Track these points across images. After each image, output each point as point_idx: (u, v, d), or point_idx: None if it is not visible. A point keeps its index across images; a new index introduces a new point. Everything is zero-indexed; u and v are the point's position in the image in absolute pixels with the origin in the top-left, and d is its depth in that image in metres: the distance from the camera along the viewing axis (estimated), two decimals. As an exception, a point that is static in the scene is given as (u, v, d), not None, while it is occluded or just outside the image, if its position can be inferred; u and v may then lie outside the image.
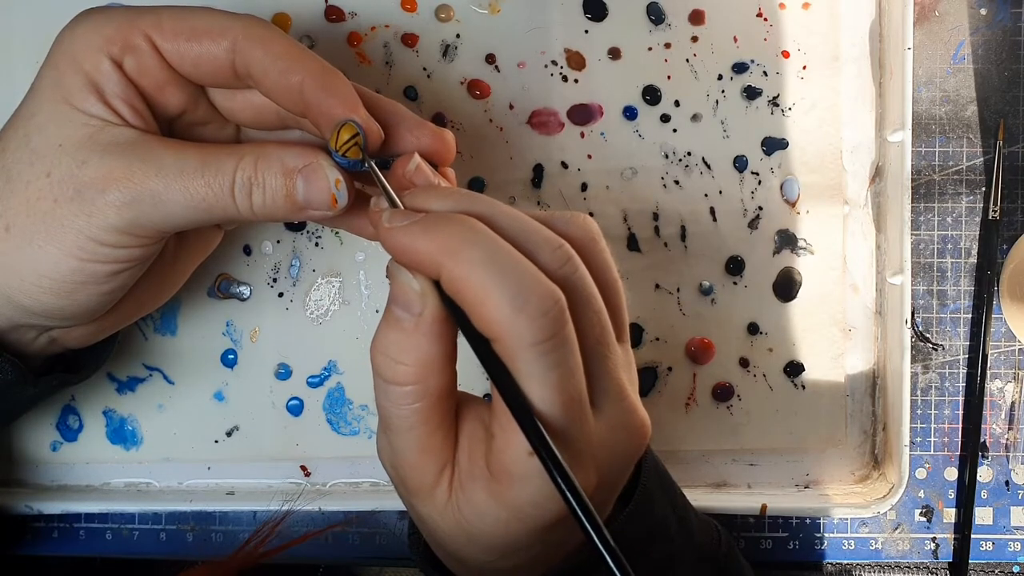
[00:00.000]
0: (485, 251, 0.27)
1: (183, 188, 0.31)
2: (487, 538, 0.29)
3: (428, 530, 0.31)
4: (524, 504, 0.28)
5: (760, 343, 0.44)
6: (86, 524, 0.45)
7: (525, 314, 0.26)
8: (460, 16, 0.43)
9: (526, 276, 0.27)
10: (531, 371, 0.27)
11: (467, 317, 0.27)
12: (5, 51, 0.43)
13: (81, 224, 0.31)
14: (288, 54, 0.31)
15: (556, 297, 0.27)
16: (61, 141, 0.31)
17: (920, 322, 0.44)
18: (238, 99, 0.34)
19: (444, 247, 0.27)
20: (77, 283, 0.32)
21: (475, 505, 0.28)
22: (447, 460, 0.29)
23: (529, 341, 0.26)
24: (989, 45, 0.44)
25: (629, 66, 0.43)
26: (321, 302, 0.44)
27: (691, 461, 0.44)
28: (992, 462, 0.44)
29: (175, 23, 0.32)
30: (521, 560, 0.30)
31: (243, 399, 0.44)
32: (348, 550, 0.45)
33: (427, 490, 0.29)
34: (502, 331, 0.27)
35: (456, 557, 0.31)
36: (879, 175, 0.43)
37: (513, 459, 0.27)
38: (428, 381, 0.28)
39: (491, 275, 0.27)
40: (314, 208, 0.32)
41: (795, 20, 0.43)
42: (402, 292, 0.28)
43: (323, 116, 0.31)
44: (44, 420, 0.44)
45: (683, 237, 0.43)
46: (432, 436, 0.29)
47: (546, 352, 0.27)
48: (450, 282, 0.27)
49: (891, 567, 0.44)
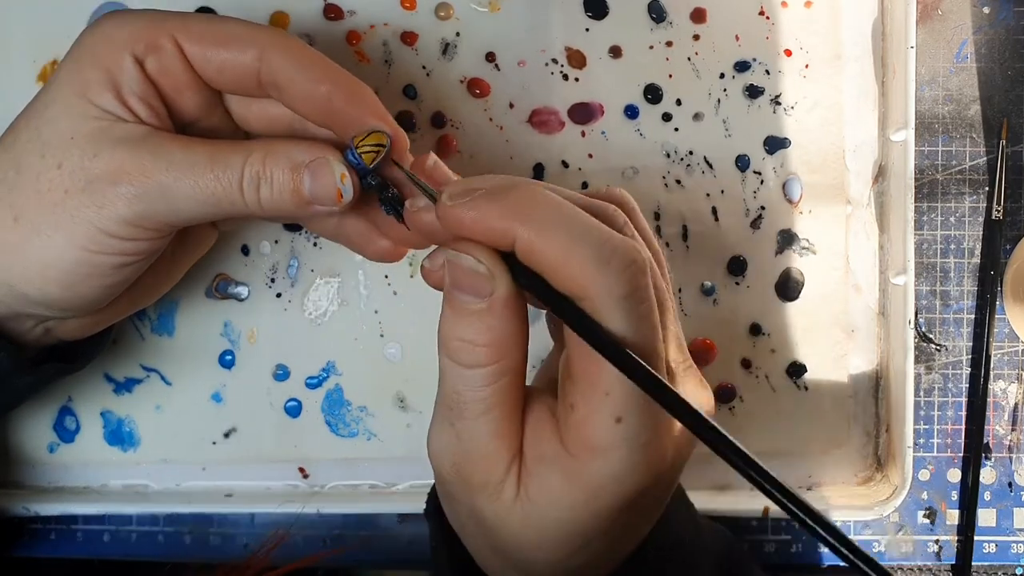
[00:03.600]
0: (560, 210, 0.27)
1: (193, 182, 0.31)
2: (559, 529, 0.28)
3: (490, 536, 0.30)
4: (605, 478, 0.27)
5: (762, 344, 0.43)
6: (84, 526, 0.45)
7: (612, 267, 0.26)
8: (460, 14, 0.42)
9: (603, 231, 0.27)
10: (621, 325, 0.26)
11: (546, 281, 0.27)
12: (5, 51, 0.43)
13: (91, 215, 0.31)
14: (315, 65, 0.33)
15: (637, 249, 0.27)
16: (73, 134, 0.32)
17: (923, 323, 0.44)
18: (254, 108, 0.35)
19: (517, 211, 0.27)
20: (83, 274, 0.32)
21: (549, 491, 0.28)
22: (517, 450, 0.28)
23: (619, 294, 0.26)
24: (992, 44, 0.44)
25: (630, 65, 0.43)
26: (319, 303, 0.43)
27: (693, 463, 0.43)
28: (995, 464, 0.44)
29: (203, 28, 0.32)
30: (586, 558, 0.29)
31: (241, 400, 0.44)
32: (348, 553, 0.45)
33: (495, 484, 0.28)
34: (589, 287, 0.26)
35: (521, 563, 0.30)
36: (882, 174, 0.43)
37: (598, 429, 0.27)
38: (506, 359, 0.28)
39: (572, 233, 0.26)
40: (320, 203, 0.32)
41: (797, 18, 0.42)
42: (467, 278, 0.28)
43: (351, 126, 0.32)
44: (41, 421, 0.44)
45: (684, 237, 0.43)
46: (506, 420, 0.28)
47: (635, 305, 0.26)
48: (528, 246, 0.27)
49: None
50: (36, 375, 0.36)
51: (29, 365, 0.35)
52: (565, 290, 0.27)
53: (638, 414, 0.27)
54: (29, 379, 0.36)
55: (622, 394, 0.26)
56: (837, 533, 0.25)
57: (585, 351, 0.27)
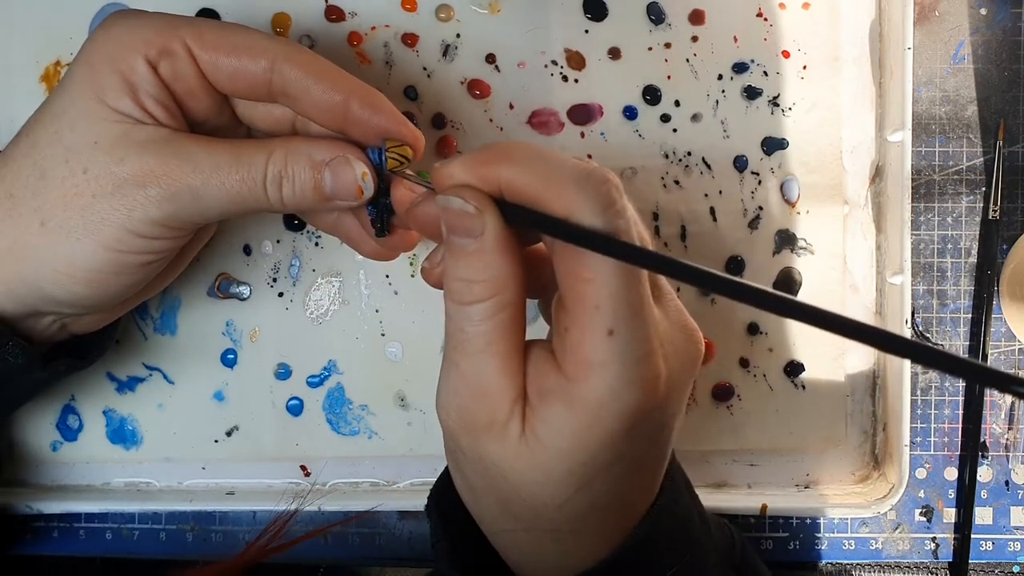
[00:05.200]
0: (536, 150, 0.30)
1: (219, 183, 0.33)
2: (565, 461, 0.29)
3: (497, 486, 0.30)
4: (604, 395, 0.28)
5: (760, 343, 0.44)
6: (86, 524, 0.45)
7: (590, 184, 0.28)
8: (460, 16, 0.43)
9: (577, 160, 0.29)
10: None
11: (533, 209, 0.29)
12: (7, 52, 0.43)
13: (121, 218, 0.32)
14: (328, 75, 0.34)
15: (610, 172, 0.29)
16: (96, 138, 0.32)
17: (920, 322, 0.44)
18: (259, 110, 0.36)
19: (498, 156, 0.29)
20: (111, 274, 0.33)
21: (551, 422, 0.29)
22: (520, 390, 0.29)
23: (599, 207, 0.28)
24: (989, 45, 0.44)
25: (629, 66, 0.43)
26: (321, 302, 0.44)
27: (691, 461, 0.44)
28: (992, 462, 0.44)
29: (216, 36, 0.33)
30: (590, 499, 0.30)
31: (243, 399, 0.44)
32: (349, 550, 0.45)
33: (501, 424, 0.29)
34: (572, 205, 0.28)
35: (527, 512, 0.30)
36: (879, 175, 0.43)
37: (592, 344, 0.28)
38: (504, 294, 0.29)
39: (549, 164, 0.29)
40: (341, 199, 0.34)
41: (795, 20, 0.43)
42: (460, 220, 0.29)
43: (370, 132, 0.34)
44: (44, 420, 0.44)
45: (683, 237, 0.43)
46: (508, 356, 0.29)
47: (614, 217, 0.28)
48: (511, 183, 0.29)
49: (891, 567, 0.44)
50: (48, 371, 0.37)
51: (40, 362, 0.36)
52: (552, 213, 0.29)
53: (629, 325, 0.28)
54: (41, 375, 0.36)
55: (611, 307, 0.28)
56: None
57: (573, 272, 0.28)
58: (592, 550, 0.31)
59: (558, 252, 0.29)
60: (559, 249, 0.29)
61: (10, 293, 0.33)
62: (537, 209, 0.29)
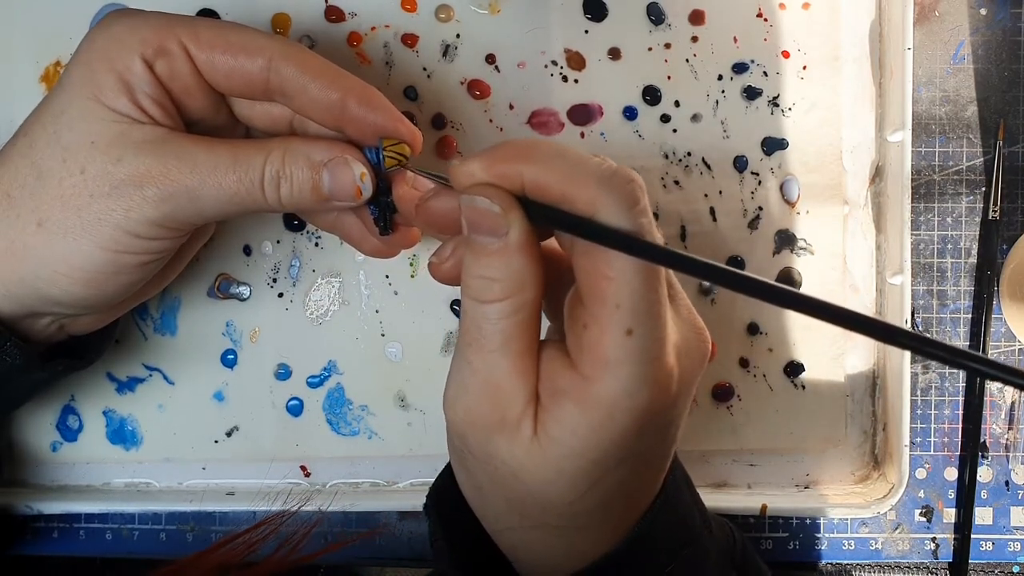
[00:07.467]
0: (558, 148, 0.29)
1: (217, 184, 0.33)
2: (577, 459, 0.29)
3: (506, 485, 0.30)
4: (619, 394, 0.28)
5: (760, 343, 0.44)
6: (86, 524, 0.45)
7: (615, 184, 0.28)
8: (460, 16, 0.43)
9: (600, 159, 0.29)
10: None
11: (558, 208, 0.28)
12: (7, 51, 0.43)
13: (118, 219, 0.32)
14: (325, 73, 0.33)
15: (632, 171, 0.29)
16: (93, 138, 0.32)
17: (920, 322, 0.44)
18: (257, 109, 0.36)
19: (520, 155, 0.29)
20: (108, 274, 0.33)
21: (564, 421, 0.28)
22: (533, 391, 0.29)
23: (624, 206, 0.28)
24: (989, 45, 0.44)
25: (629, 66, 0.43)
26: (321, 302, 0.44)
27: (691, 461, 0.44)
28: (992, 462, 0.44)
29: (212, 35, 0.33)
30: (600, 498, 0.30)
31: (243, 399, 0.44)
32: (349, 550, 0.45)
33: (513, 423, 0.29)
34: (596, 204, 0.28)
35: (535, 510, 0.30)
36: (879, 175, 0.43)
37: (610, 343, 0.28)
38: (523, 293, 0.29)
39: (572, 162, 0.28)
40: (339, 199, 0.34)
41: (795, 20, 0.43)
42: (483, 219, 0.29)
43: (367, 129, 0.34)
44: (44, 420, 0.44)
45: (683, 237, 0.43)
46: (522, 357, 0.29)
47: (638, 216, 0.28)
48: (535, 181, 0.29)
49: (891, 567, 0.44)
50: (46, 371, 0.37)
51: (40, 362, 0.36)
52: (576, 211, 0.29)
53: (647, 325, 0.28)
54: (40, 375, 0.36)
55: (631, 306, 0.28)
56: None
57: (594, 271, 0.28)
58: (596, 544, 0.31)
59: (578, 250, 0.29)
60: (579, 247, 0.29)
61: (8, 293, 0.33)
62: (561, 208, 0.29)
